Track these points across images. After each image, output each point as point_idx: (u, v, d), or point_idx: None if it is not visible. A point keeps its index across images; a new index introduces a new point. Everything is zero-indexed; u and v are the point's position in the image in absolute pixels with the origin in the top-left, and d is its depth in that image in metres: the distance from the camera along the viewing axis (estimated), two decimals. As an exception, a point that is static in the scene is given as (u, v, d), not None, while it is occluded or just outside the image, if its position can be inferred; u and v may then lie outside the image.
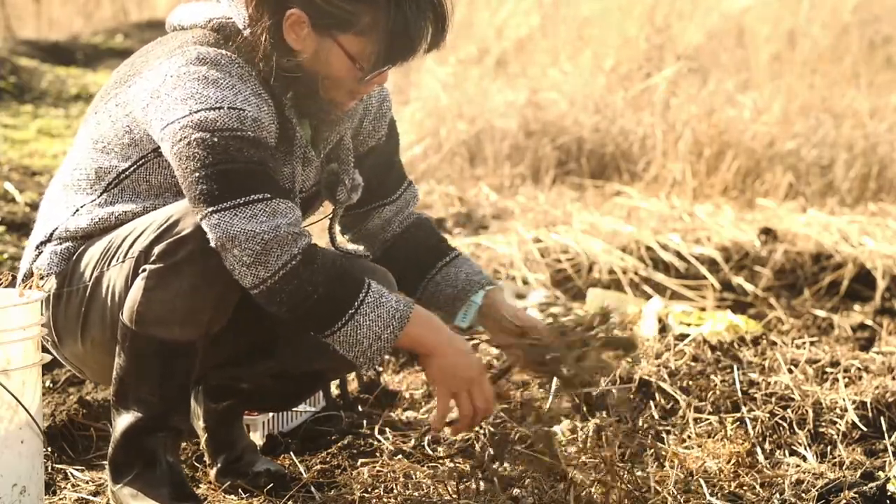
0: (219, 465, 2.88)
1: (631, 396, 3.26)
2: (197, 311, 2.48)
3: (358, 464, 2.95)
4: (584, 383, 2.60)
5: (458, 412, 2.54)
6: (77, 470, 2.94)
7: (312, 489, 2.79)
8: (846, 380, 3.36)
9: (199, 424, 2.91)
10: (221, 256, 2.40)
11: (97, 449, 3.09)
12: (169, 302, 2.46)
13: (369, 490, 2.76)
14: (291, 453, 3.03)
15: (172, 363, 2.52)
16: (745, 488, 2.80)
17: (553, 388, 2.65)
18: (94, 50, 10.47)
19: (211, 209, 2.39)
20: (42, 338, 2.51)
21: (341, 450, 3.05)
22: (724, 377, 3.34)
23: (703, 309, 4.76)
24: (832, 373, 3.42)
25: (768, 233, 5.59)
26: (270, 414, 3.15)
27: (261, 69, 2.50)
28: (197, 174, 2.40)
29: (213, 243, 2.40)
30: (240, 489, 2.82)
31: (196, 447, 3.03)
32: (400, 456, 3.01)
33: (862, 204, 6.56)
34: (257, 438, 3.10)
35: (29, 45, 9.94)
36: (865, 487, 2.72)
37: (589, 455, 2.60)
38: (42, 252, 2.64)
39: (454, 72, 7.82)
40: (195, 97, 2.42)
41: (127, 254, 2.51)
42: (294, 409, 3.25)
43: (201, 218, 2.41)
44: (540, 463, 2.57)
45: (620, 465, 2.61)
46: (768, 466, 2.94)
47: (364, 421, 3.30)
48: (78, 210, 2.61)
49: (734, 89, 7.59)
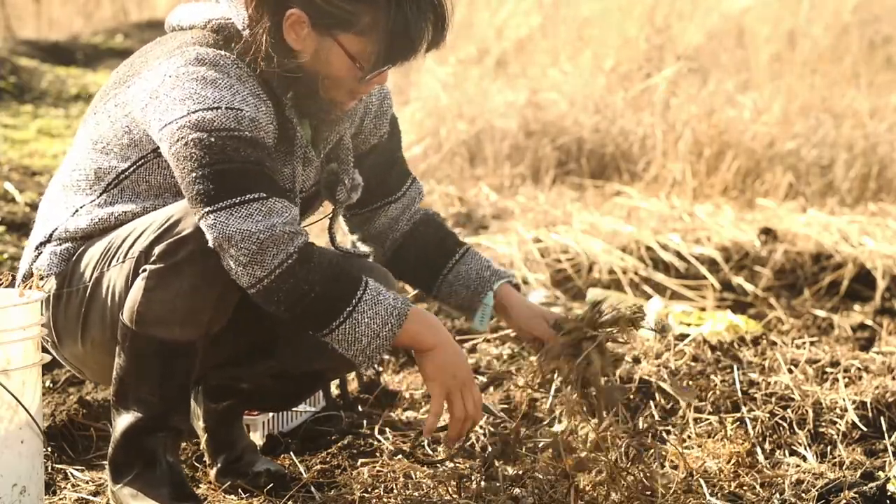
0: (219, 465, 2.88)
1: (631, 396, 3.26)
2: (197, 312, 2.48)
3: (358, 464, 2.95)
4: (610, 371, 2.60)
5: (450, 413, 2.54)
6: (77, 470, 2.94)
7: (312, 489, 2.79)
8: (846, 380, 3.36)
9: (199, 424, 2.91)
10: (221, 256, 2.41)
11: (97, 449, 3.09)
12: (169, 302, 2.46)
13: (369, 490, 2.75)
14: (291, 453, 3.02)
15: (172, 363, 2.52)
16: (745, 488, 2.80)
17: (553, 388, 2.65)
18: (94, 50, 10.46)
19: (208, 209, 2.39)
20: (42, 338, 2.51)
21: (341, 450, 3.05)
22: (724, 377, 3.34)
23: (703, 309, 4.76)
24: (832, 373, 3.41)
25: (768, 233, 5.59)
26: (270, 414, 3.15)
27: (261, 70, 2.50)
28: (194, 174, 2.40)
29: (211, 243, 2.40)
30: (240, 489, 2.82)
31: (196, 447, 3.03)
32: (400, 456, 3.01)
33: (862, 204, 6.56)
34: (257, 438, 3.10)
35: (29, 45, 9.94)
36: (865, 487, 2.72)
37: (589, 455, 2.60)
38: (42, 252, 2.64)
39: (454, 72, 7.82)
40: (193, 97, 2.42)
41: (127, 254, 2.51)
42: (294, 409, 3.25)
43: (199, 218, 2.41)
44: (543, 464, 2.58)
45: (621, 466, 2.60)
46: (768, 466, 2.94)
47: (364, 421, 3.30)
48: (77, 210, 2.61)
49: (734, 89, 7.58)
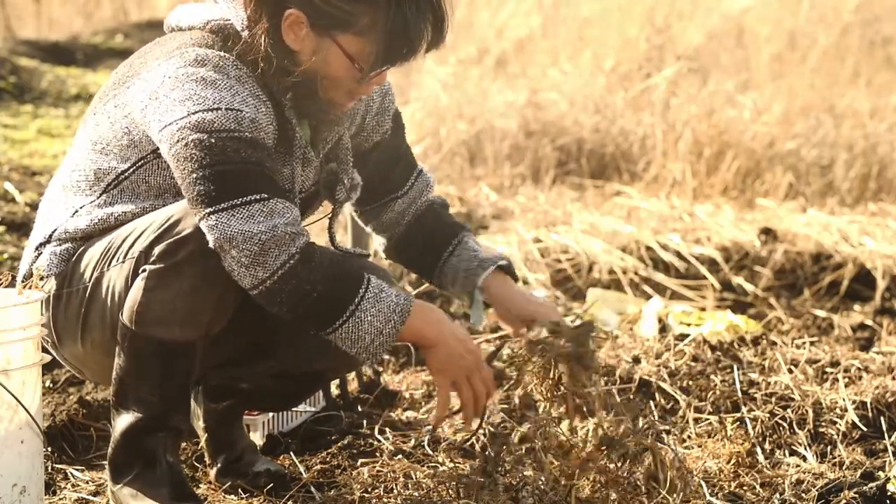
0: (219, 465, 2.88)
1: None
2: (197, 312, 2.48)
3: (358, 464, 2.95)
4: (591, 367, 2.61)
5: (460, 400, 2.55)
6: (77, 470, 2.94)
7: (312, 489, 2.79)
8: (846, 380, 3.36)
9: (199, 424, 2.91)
10: (221, 257, 2.40)
11: (97, 449, 3.09)
12: (169, 302, 2.46)
13: (369, 490, 2.75)
14: (291, 453, 3.02)
15: (172, 363, 2.52)
16: (745, 488, 2.80)
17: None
18: (94, 50, 10.46)
19: (208, 210, 2.39)
20: (42, 338, 2.50)
21: (341, 450, 3.05)
22: (724, 377, 3.34)
23: (703, 309, 4.76)
24: (832, 373, 3.41)
25: (768, 233, 5.59)
26: (270, 414, 3.15)
27: (260, 70, 2.50)
28: (194, 175, 2.39)
29: (212, 244, 2.40)
30: (240, 489, 2.82)
31: (196, 447, 3.03)
32: (400, 456, 3.01)
33: (862, 204, 6.56)
34: (257, 438, 3.10)
35: (29, 45, 9.94)
36: (865, 487, 2.72)
37: (589, 454, 2.60)
38: (42, 253, 2.63)
39: (454, 72, 7.82)
40: (193, 98, 2.42)
41: (127, 254, 2.51)
42: (294, 409, 3.25)
43: (199, 219, 2.40)
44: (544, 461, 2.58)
45: (621, 466, 2.60)
46: (768, 466, 2.94)
47: (364, 421, 3.30)
48: (77, 211, 2.61)
49: (734, 89, 7.58)
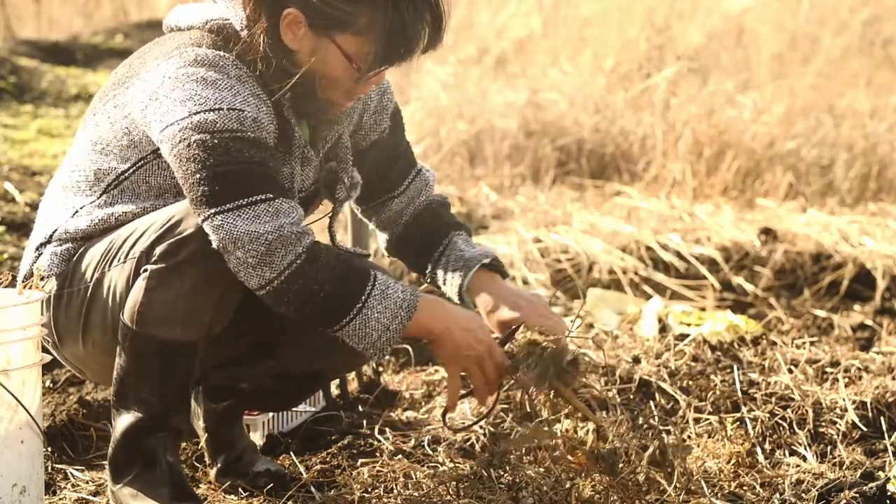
0: (219, 465, 2.88)
1: (631, 397, 3.26)
2: (198, 312, 2.48)
3: (358, 464, 2.95)
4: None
5: (472, 385, 2.55)
6: (77, 470, 2.94)
7: (312, 489, 2.79)
8: (846, 380, 3.36)
9: (199, 424, 2.91)
10: (224, 258, 2.40)
11: (97, 449, 3.09)
12: (170, 302, 2.46)
13: (369, 490, 2.75)
14: (291, 453, 3.02)
15: (173, 363, 2.52)
16: (745, 488, 2.79)
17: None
18: (94, 50, 10.46)
19: (213, 210, 2.38)
20: (42, 339, 2.50)
21: (341, 450, 3.05)
22: (724, 377, 3.34)
23: (703, 309, 4.76)
24: (832, 373, 3.41)
25: (768, 233, 5.59)
26: (270, 414, 3.15)
27: (259, 70, 2.50)
28: (198, 176, 2.39)
29: (216, 245, 2.39)
30: (240, 489, 2.82)
31: (196, 447, 3.03)
32: (400, 456, 3.01)
33: (862, 204, 6.56)
34: (257, 438, 3.10)
35: (29, 45, 9.94)
36: (865, 487, 2.72)
37: (589, 455, 2.60)
38: (42, 253, 2.63)
39: (454, 72, 7.82)
40: (194, 99, 2.42)
41: (128, 254, 2.51)
42: (294, 409, 3.25)
43: (203, 219, 2.40)
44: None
45: (622, 467, 2.60)
46: (768, 466, 2.94)
47: (364, 421, 3.30)
48: (77, 211, 2.61)
49: (734, 89, 7.58)
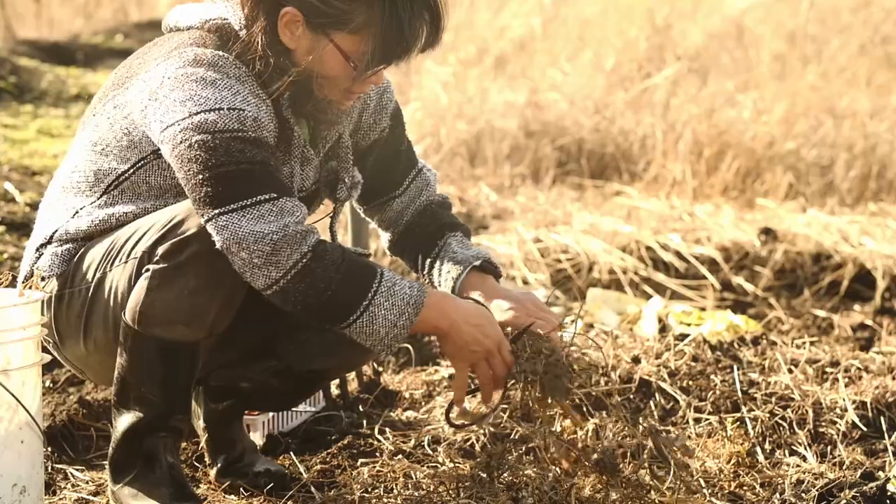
0: (219, 465, 2.88)
1: (631, 397, 3.26)
2: (200, 312, 2.47)
3: (358, 464, 2.95)
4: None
5: (478, 381, 2.55)
6: (77, 470, 2.94)
7: (312, 489, 2.79)
8: (846, 380, 3.36)
9: (199, 424, 2.91)
10: (228, 258, 2.40)
11: (97, 449, 3.09)
12: (172, 302, 2.45)
13: (369, 490, 2.75)
14: (291, 453, 3.02)
15: (175, 363, 2.51)
16: (745, 488, 2.79)
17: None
18: (94, 50, 10.46)
19: (217, 211, 2.38)
20: (43, 339, 2.50)
21: (341, 450, 3.05)
22: (724, 377, 3.33)
23: (704, 309, 4.76)
24: (832, 373, 3.41)
25: (768, 233, 5.59)
26: (270, 414, 3.15)
27: (257, 69, 2.50)
28: (200, 177, 2.39)
29: (220, 246, 2.38)
30: (240, 489, 2.82)
31: (196, 447, 3.03)
32: (400, 456, 3.01)
33: (862, 204, 6.56)
34: (257, 438, 3.10)
35: (29, 45, 9.94)
36: (865, 487, 2.72)
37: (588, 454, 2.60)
38: (43, 254, 2.63)
39: (454, 72, 7.82)
40: (193, 99, 2.42)
41: (130, 254, 2.51)
42: (294, 409, 3.25)
43: (207, 220, 2.39)
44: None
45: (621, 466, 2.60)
46: (768, 466, 2.94)
47: (364, 421, 3.30)
48: (77, 212, 2.60)
49: (734, 89, 7.58)
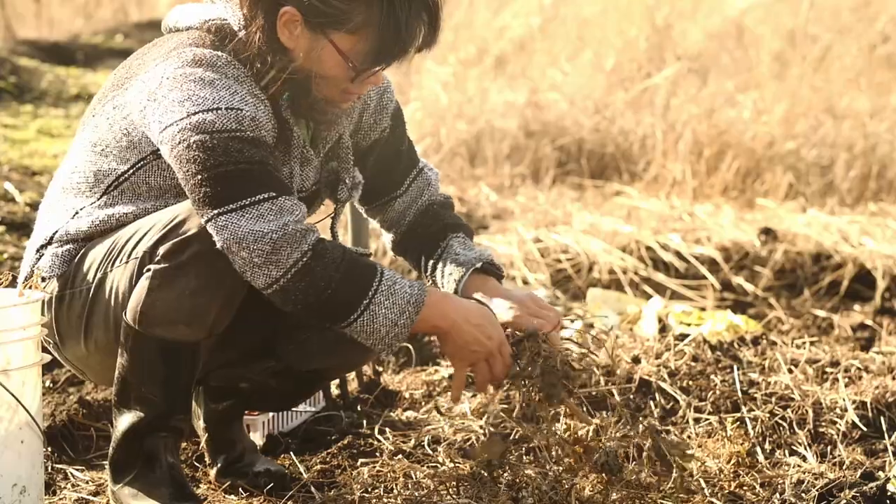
0: (219, 465, 2.88)
1: (631, 397, 3.26)
2: (201, 312, 2.47)
3: (358, 464, 2.95)
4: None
5: (475, 379, 2.55)
6: (77, 470, 2.94)
7: (312, 489, 2.79)
8: (846, 380, 3.36)
9: (200, 424, 2.91)
10: (229, 258, 2.40)
11: (97, 449, 3.09)
12: (173, 302, 2.45)
13: (369, 490, 2.75)
14: (291, 453, 3.02)
15: (175, 363, 2.51)
16: (745, 488, 2.79)
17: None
18: (94, 50, 10.46)
19: (216, 211, 2.38)
20: (44, 340, 2.50)
21: (341, 450, 3.05)
22: (724, 377, 3.34)
23: (704, 309, 4.76)
24: (832, 373, 3.41)
25: (768, 233, 5.59)
26: (270, 414, 3.15)
27: (256, 70, 2.50)
28: (199, 177, 2.39)
29: (220, 245, 2.38)
30: (240, 489, 2.82)
31: (196, 447, 3.03)
32: (400, 456, 3.01)
33: (862, 204, 6.56)
34: (257, 438, 3.10)
35: (29, 45, 9.94)
36: (865, 487, 2.72)
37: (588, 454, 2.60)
38: (43, 255, 2.63)
39: (454, 72, 7.82)
40: (192, 99, 2.42)
41: (131, 254, 2.51)
42: (294, 409, 3.25)
43: (207, 220, 2.39)
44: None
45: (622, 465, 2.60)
46: (768, 466, 2.94)
47: (364, 421, 3.30)
48: (77, 213, 2.60)
49: (734, 89, 7.58)
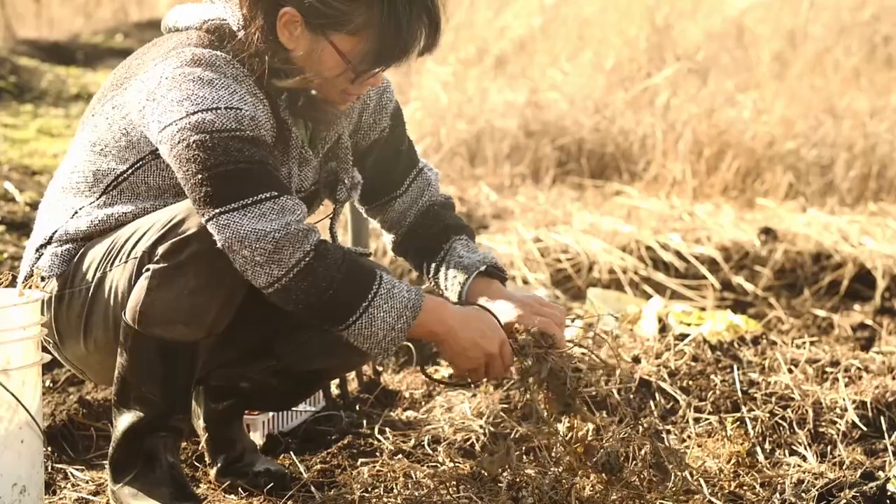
0: (219, 465, 2.88)
1: (631, 397, 3.26)
2: (200, 311, 2.47)
3: (358, 464, 2.95)
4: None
5: (471, 378, 2.56)
6: (77, 470, 2.94)
7: (312, 489, 2.79)
8: (846, 380, 3.36)
9: (200, 424, 2.91)
10: (229, 257, 2.39)
11: (97, 449, 3.09)
12: (172, 301, 2.45)
13: (369, 490, 2.75)
14: (291, 453, 3.03)
15: (175, 363, 2.52)
16: (745, 488, 2.79)
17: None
18: (94, 50, 10.46)
19: (217, 210, 2.38)
20: (43, 339, 2.50)
21: (341, 450, 3.05)
22: (724, 377, 3.34)
23: (704, 309, 4.76)
24: (832, 373, 3.41)
25: (768, 233, 5.59)
26: (270, 414, 3.15)
27: (255, 70, 2.50)
28: (199, 176, 2.39)
29: (221, 244, 2.38)
30: (240, 489, 2.82)
31: (196, 447, 3.03)
32: (400, 456, 3.01)
33: (862, 204, 6.56)
34: (257, 438, 3.10)
35: (29, 45, 9.94)
36: (865, 487, 2.72)
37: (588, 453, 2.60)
38: (42, 254, 2.63)
39: (454, 72, 7.82)
40: (191, 98, 2.42)
41: (130, 254, 2.51)
42: (294, 409, 3.25)
43: (208, 219, 2.39)
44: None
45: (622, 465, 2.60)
46: (768, 466, 2.94)
47: (364, 421, 3.30)
48: (77, 213, 2.60)
49: (734, 89, 7.58)
